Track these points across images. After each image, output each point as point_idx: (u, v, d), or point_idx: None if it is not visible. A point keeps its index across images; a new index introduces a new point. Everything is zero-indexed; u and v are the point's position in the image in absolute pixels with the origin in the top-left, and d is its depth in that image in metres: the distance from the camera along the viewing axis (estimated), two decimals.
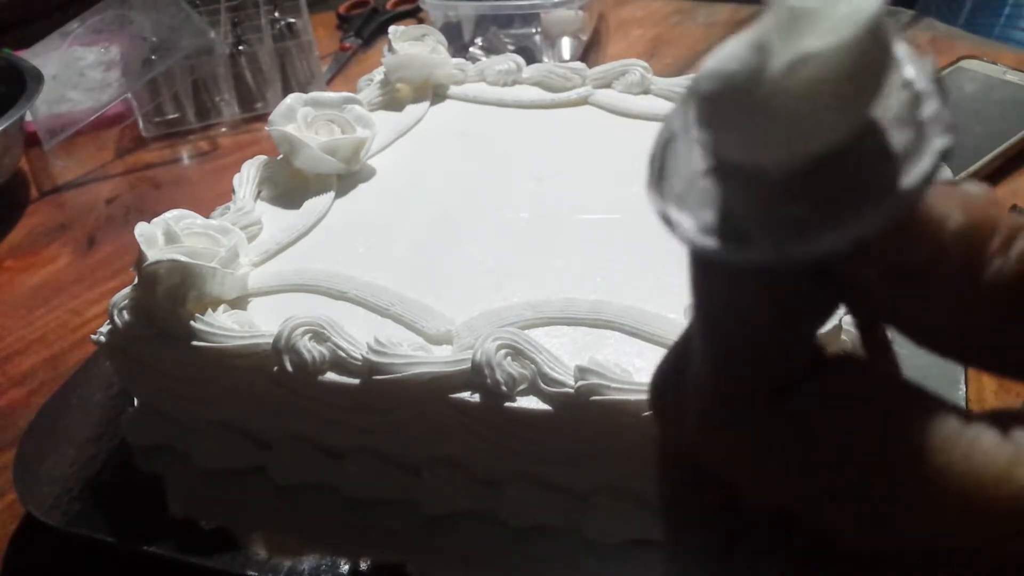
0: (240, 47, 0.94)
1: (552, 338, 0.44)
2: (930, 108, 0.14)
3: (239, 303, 0.48)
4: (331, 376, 0.43)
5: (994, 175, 0.72)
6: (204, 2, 0.94)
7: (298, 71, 0.96)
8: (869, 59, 0.13)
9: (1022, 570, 0.14)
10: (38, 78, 0.84)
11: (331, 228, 0.54)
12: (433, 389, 0.41)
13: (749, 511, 0.18)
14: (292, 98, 0.59)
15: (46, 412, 0.54)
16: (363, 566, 0.44)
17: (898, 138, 0.14)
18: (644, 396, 0.38)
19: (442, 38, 0.71)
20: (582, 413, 0.39)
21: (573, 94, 0.67)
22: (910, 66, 0.14)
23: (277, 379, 0.43)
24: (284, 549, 0.44)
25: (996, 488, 0.14)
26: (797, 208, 0.14)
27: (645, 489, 0.42)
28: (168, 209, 0.49)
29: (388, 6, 1.17)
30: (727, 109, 0.14)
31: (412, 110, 0.67)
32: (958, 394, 0.50)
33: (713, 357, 0.16)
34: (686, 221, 0.15)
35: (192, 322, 0.44)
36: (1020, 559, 0.14)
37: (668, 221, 0.15)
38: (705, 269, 0.15)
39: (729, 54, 0.14)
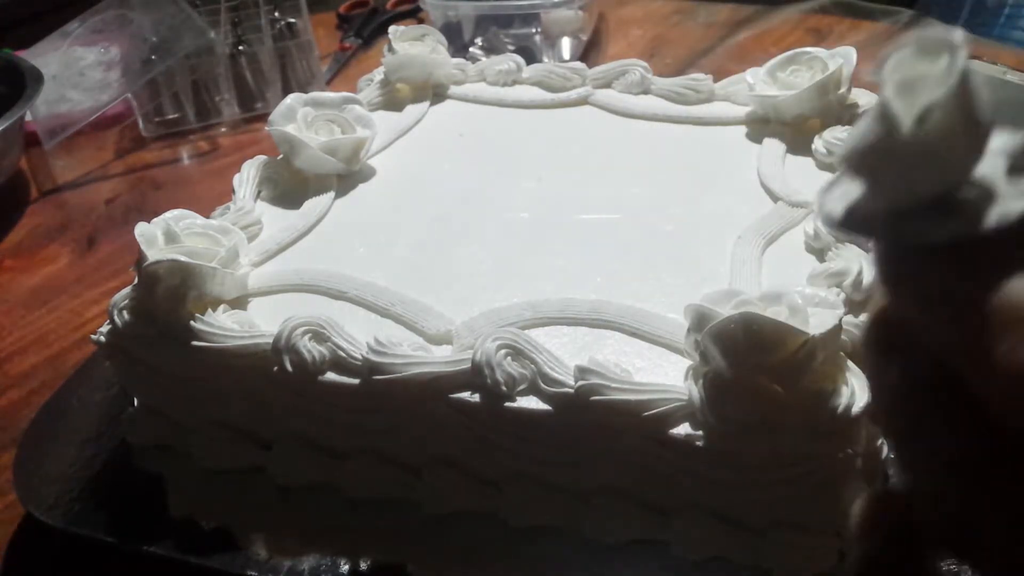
0: (240, 47, 0.94)
1: (552, 338, 0.44)
2: None
3: (239, 303, 0.48)
4: (331, 376, 0.43)
5: None
6: (204, 2, 0.94)
7: (298, 71, 0.96)
8: (975, 97, 0.17)
9: None
10: (38, 78, 0.84)
11: (331, 228, 0.54)
12: (433, 389, 0.41)
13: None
14: (292, 98, 0.59)
15: (46, 412, 0.54)
16: (363, 566, 0.43)
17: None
18: (644, 396, 0.38)
19: (442, 38, 0.71)
20: (582, 413, 0.39)
21: (573, 94, 0.67)
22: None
23: (277, 379, 0.43)
24: (284, 549, 0.44)
25: None
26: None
27: (645, 489, 0.42)
28: (168, 209, 0.49)
29: (388, 6, 1.17)
30: (875, 168, 0.18)
31: (412, 110, 0.67)
32: None
33: None
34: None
35: (192, 322, 0.44)
36: None
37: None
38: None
39: (860, 132, 0.18)
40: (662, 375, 0.41)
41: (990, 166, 0.18)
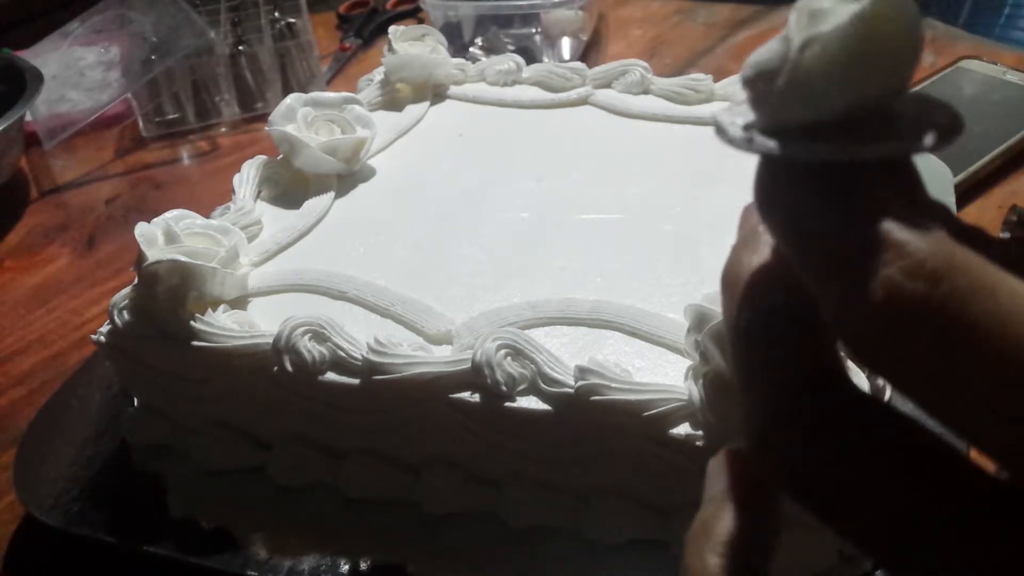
0: (240, 47, 0.94)
1: (552, 338, 0.44)
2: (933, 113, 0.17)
3: (239, 303, 0.48)
4: (331, 376, 0.43)
5: (994, 175, 0.72)
6: (204, 2, 0.94)
7: (298, 71, 0.96)
8: (866, 45, 0.17)
9: None
10: (38, 78, 0.84)
11: (331, 228, 0.54)
12: (433, 389, 0.41)
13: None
14: (292, 98, 0.59)
15: (46, 412, 0.54)
16: (363, 566, 0.44)
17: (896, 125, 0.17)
18: (644, 396, 0.38)
19: (442, 38, 0.71)
20: (582, 413, 0.39)
21: (573, 94, 0.67)
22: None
23: (277, 379, 0.43)
24: (284, 549, 0.44)
25: None
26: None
27: (645, 489, 0.42)
28: (168, 209, 0.49)
29: (388, 6, 1.17)
30: (765, 86, 0.18)
31: (412, 110, 0.67)
32: None
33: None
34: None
35: (192, 322, 0.44)
36: None
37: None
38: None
39: (766, 48, 0.18)
40: (662, 375, 0.41)
41: (871, 111, 0.18)
